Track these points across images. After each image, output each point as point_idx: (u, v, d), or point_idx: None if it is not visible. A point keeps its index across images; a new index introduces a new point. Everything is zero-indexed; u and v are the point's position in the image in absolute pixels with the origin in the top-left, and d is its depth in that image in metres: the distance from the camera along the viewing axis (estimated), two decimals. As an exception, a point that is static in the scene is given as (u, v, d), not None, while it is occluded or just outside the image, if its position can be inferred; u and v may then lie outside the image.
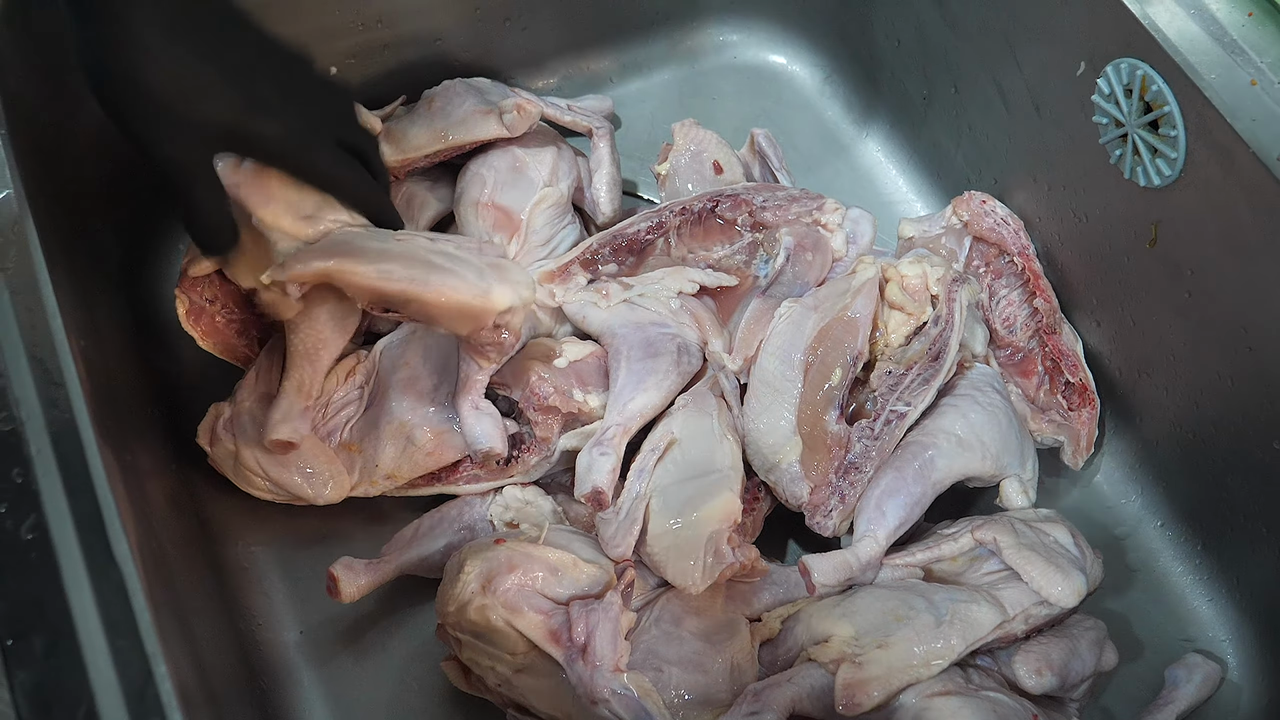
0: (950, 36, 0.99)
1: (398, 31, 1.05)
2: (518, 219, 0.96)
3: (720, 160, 1.02)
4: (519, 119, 0.98)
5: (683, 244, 0.97)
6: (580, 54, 1.15)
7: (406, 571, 0.87)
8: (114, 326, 0.90)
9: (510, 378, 0.90)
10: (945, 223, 0.99)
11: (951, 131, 1.03)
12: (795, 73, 1.16)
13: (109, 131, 0.95)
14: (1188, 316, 0.85)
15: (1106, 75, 0.84)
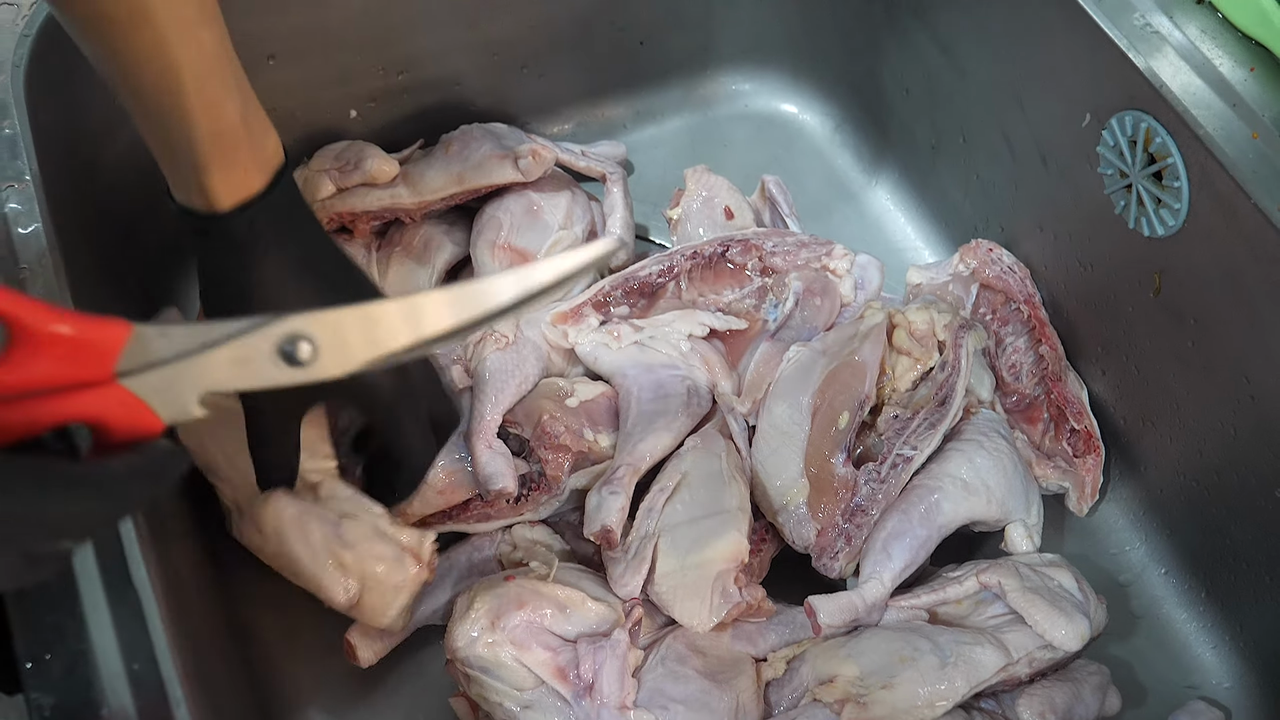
0: (958, 87, 1.01)
1: (418, 76, 1.07)
2: (533, 261, 0.98)
3: (731, 206, 1.04)
4: (534, 164, 1.00)
5: (693, 287, 0.99)
6: (595, 101, 1.17)
7: (420, 624, 0.88)
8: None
9: (522, 416, 0.92)
10: (953, 270, 1.01)
11: (959, 180, 1.05)
12: (806, 121, 1.18)
13: (131, 172, 0.98)
14: (1191, 365, 0.86)
15: (1111, 127, 0.85)
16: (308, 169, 1.02)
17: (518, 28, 1.07)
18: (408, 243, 1.02)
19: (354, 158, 1.02)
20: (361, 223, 1.01)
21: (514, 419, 0.92)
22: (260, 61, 0.99)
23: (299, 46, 1.00)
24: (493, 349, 0.92)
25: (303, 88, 1.03)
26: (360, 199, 1.00)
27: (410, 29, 1.03)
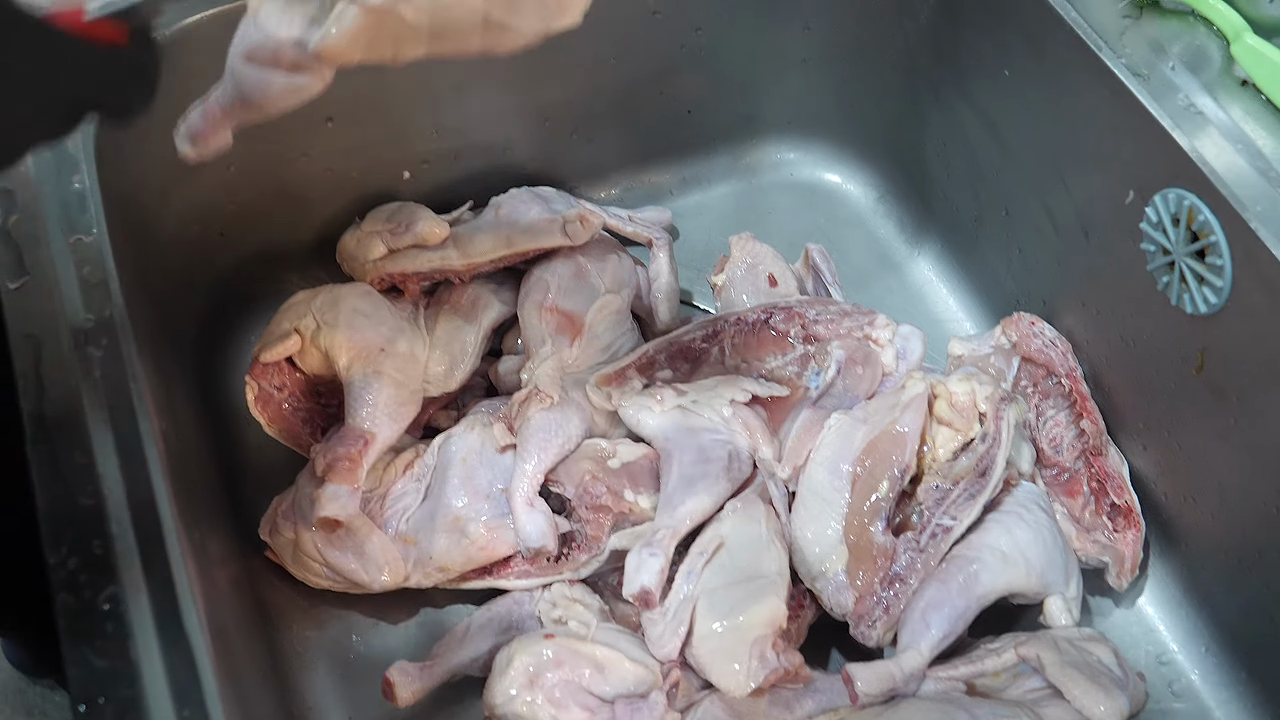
0: (1001, 161, 1.02)
1: (469, 140, 1.09)
2: (580, 323, 1.00)
3: (775, 273, 1.05)
4: (582, 229, 1.02)
5: (737, 353, 1.00)
6: (642, 167, 1.19)
7: (458, 672, 0.88)
8: (189, 410, 0.93)
9: (564, 475, 0.93)
10: (994, 342, 1.02)
11: (1002, 253, 1.06)
12: (850, 191, 1.20)
13: (192, 224, 1.01)
14: (1233, 443, 0.87)
15: (1154, 204, 0.86)
16: (360, 230, 1.05)
17: (568, 95, 1.10)
18: (456, 301, 1.04)
19: (405, 220, 1.04)
20: (412, 283, 1.03)
21: (556, 478, 0.93)
22: (319, 124, 1.02)
23: (357, 110, 1.03)
24: (537, 408, 0.94)
25: (359, 150, 1.06)
26: (411, 260, 1.02)
27: (463, 94, 1.06)
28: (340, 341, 0.96)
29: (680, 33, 1.09)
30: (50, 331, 0.75)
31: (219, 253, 1.05)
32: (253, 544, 0.95)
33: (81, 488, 0.68)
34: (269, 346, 0.97)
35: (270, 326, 0.99)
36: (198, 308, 1.05)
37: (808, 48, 1.13)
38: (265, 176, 1.04)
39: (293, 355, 0.98)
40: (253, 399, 0.97)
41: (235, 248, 1.07)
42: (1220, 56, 0.87)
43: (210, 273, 1.05)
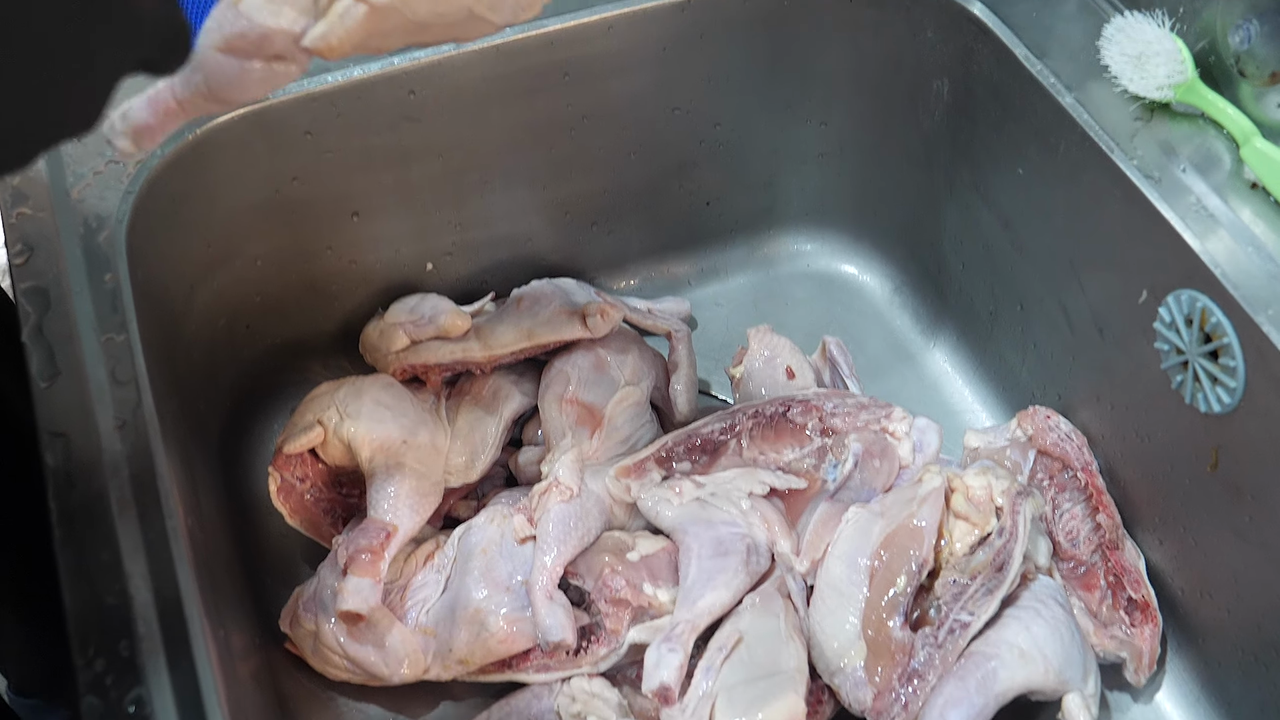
0: (1016, 258, 1.03)
1: (492, 232, 1.11)
2: (600, 415, 1.01)
3: (793, 366, 1.06)
4: (602, 322, 1.04)
5: (754, 445, 1.01)
6: (661, 258, 1.20)
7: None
8: (213, 503, 0.94)
9: (583, 568, 0.93)
10: (1010, 435, 1.02)
11: (1017, 347, 1.07)
12: (866, 282, 1.21)
13: (219, 316, 1.03)
14: (1249, 540, 0.87)
15: (1168, 304, 0.87)
16: (383, 322, 1.06)
17: (589, 188, 1.12)
18: (477, 392, 1.05)
19: (428, 312, 1.06)
20: (434, 374, 1.04)
21: (575, 570, 0.93)
22: (345, 218, 1.04)
23: (382, 204, 1.05)
24: (557, 500, 0.95)
25: (383, 242, 1.08)
26: (433, 352, 1.04)
27: (486, 188, 1.08)
28: (363, 434, 0.97)
29: (700, 128, 1.11)
30: (80, 430, 0.77)
31: (244, 344, 1.07)
32: (273, 635, 0.96)
33: (108, 587, 0.69)
34: (292, 438, 0.98)
35: (294, 418, 1.01)
36: (222, 399, 1.06)
37: (825, 143, 1.15)
38: (291, 269, 1.06)
39: (315, 447, 0.99)
40: (275, 490, 0.99)
41: (260, 339, 1.08)
42: (1230, 159, 0.88)
43: (235, 364, 1.07)
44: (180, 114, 0.63)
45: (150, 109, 0.63)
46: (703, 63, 1.05)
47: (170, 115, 0.63)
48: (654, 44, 1.03)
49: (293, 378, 1.11)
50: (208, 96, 0.62)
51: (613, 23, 1.00)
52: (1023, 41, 0.96)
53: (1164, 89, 0.89)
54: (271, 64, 0.62)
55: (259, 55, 0.61)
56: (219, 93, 0.62)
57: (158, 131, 0.63)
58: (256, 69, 0.62)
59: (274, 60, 0.62)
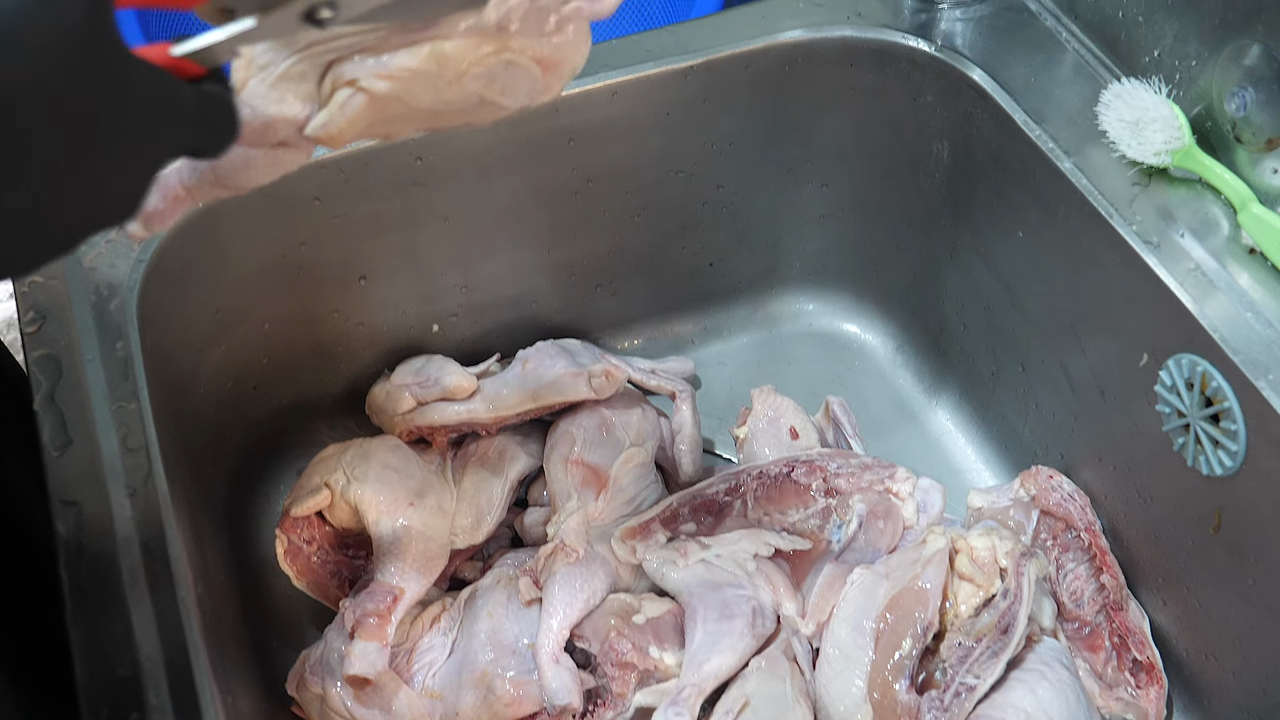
0: (1017, 319, 1.04)
1: (497, 294, 1.12)
2: (605, 476, 1.02)
3: (796, 426, 1.07)
4: (607, 384, 1.05)
5: (759, 506, 1.01)
6: (665, 317, 1.21)
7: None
8: (220, 566, 0.95)
9: (589, 631, 0.94)
10: (1013, 495, 1.03)
11: (1019, 407, 1.08)
12: (868, 341, 1.22)
13: (226, 380, 1.04)
14: (1253, 603, 0.87)
15: (1168, 368, 0.88)
16: (389, 384, 1.07)
17: (594, 250, 1.13)
18: (483, 454, 1.06)
19: (434, 374, 1.06)
20: (440, 435, 1.05)
21: (581, 633, 0.94)
22: (352, 281, 1.05)
23: (389, 267, 1.06)
24: (562, 563, 0.95)
25: (390, 305, 1.09)
26: (439, 414, 1.05)
27: (492, 251, 1.09)
28: (370, 497, 0.98)
29: (703, 190, 1.12)
30: (91, 498, 0.77)
31: (251, 406, 1.08)
32: (279, 698, 0.96)
33: (120, 658, 0.70)
34: (299, 501, 0.99)
35: (300, 481, 1.01)
36: (228, 460, 1.07)
37: (826, 204, 1.16)
38: (298, 332, 1.07)
39: (322, 509, 1.00)
40: (282, 553, 0.99)
41: (267, 401, 1.09)
42: (1228, 224, 0.89)
43: (242, 426, 1.08)
44: (188, 199, 0.63)
45: (159, 195, 0.63)
46: (706, 127, 1.07)
47: (178, 201, 0.63)
48: (658, 109, 1.04)
49: (299, 438, 1.12)
50: (214, 183, 0.62)
51: (617, 89, 1.01)
52: (1021, 106, 0.97)
53: (1162, 155, 0.90)
54: (275, 151, 0.62)
55: (263, 143, 0.61)
56: (225, 179, 0.62)
57: (167, 216, 0.63)
58: (260, 157, 0.62)
59: (278, 148, 0.62)
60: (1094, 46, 1.01)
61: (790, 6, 1.06)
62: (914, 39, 1.03)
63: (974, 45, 1.03)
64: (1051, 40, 1.03)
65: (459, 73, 0.61)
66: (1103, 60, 1.00)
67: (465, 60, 0.61)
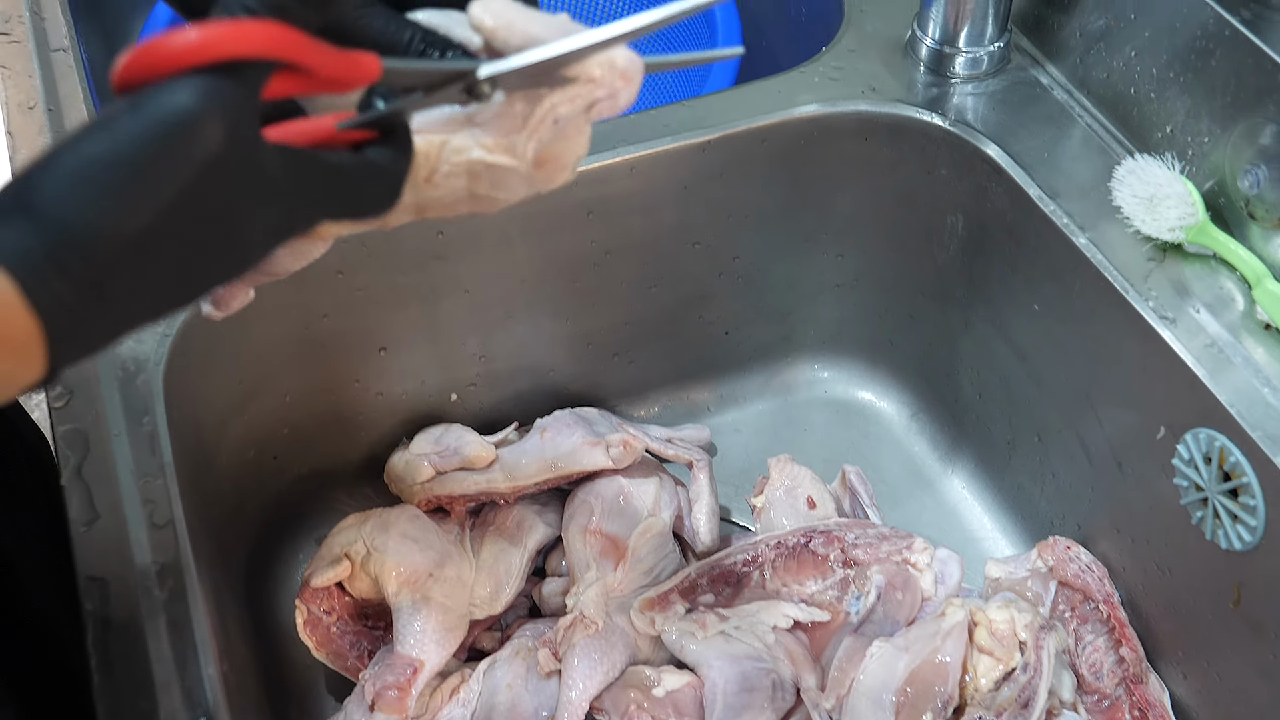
0: (1033, 390, 1.05)
1: (515, 364, 1.13)
2: (623, 546, 1.02)
3: (813, 495, 1.08)
4: (625, 454, 1.05)
5: (777, 577, 1.01)
6: (681, 385, 1.22)
7: None
8: (242, 639, 0.95)
9: (608, 704, 0.94)
10: (1031, 566, 1.03)
11: (1035, 476, 1.08)
12: (883, 409, 1.23)
13: (249, 449, 1.04)
14: (1273, 678, 0.87)
15: (1186, 442, 0.89)
16: (408, 453, 1.08)
17: (611, 319, 1.14)
18: (501, 523, 1.06)
19: (452, 443, 1.07)
20: (458, 505, 1.06)
21: (601, 706, 0.94)
22: (373, 352, 1.06)
23: (409, 338, 1.07)
24: (582, 634, 0.95)
25: (410, 375, 1.10)
26: (458, 483, 1.05)
27: (511, 322, 1.10)
28: (390, 567, 0.98)
29: (719, 261, 1.13)
30: (118, 575, 0.78)
31: (272, 475, 1.09)
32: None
33: (146, 736, 0.70)
34: (320, 572, 0.99)
35: (320, 551, 1.02)
36: (249, 529, 1.08)
37: (841, 274, 1.17)
38: (319, 402, 1.08)
39: (342, 580, 1.00)
40: (302, 623, 0.99)
41: (287, 470, 1.10)
42: (1243, 300, 0.90)
43: (262, 495, 1.08)
44: (243, 284, 0.67)
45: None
46: (723, 199, 1.08)
47: (235, 286, 0.66)
48: (675, 182, 1.05)
49: (318, 506, 1.13)
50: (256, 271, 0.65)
51: (635, 163, 1.03)
52: (1035, 181, 0.99)
53: (1176, 231, 0.91)
54: (296, 244, 0.65)
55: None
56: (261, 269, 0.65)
57: (232, 300, 0.67)
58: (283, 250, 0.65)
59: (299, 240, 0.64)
60: (1106, 121, 1.02)
61: (805, 81, 1.07)
62: (928, 114, 1.04)
63: (986, 119, 1.04)
64: (1063, 114, 1.04)
65: (431, 170, 0.62)
66: (1115, 135, 1.01)
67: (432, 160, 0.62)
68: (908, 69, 1.08)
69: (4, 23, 1.13)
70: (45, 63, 1.10)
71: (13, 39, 1.12)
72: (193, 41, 0.48)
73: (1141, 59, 0.97)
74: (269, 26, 0.50)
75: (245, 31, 0.49)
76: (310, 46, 0.52)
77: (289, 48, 0.51)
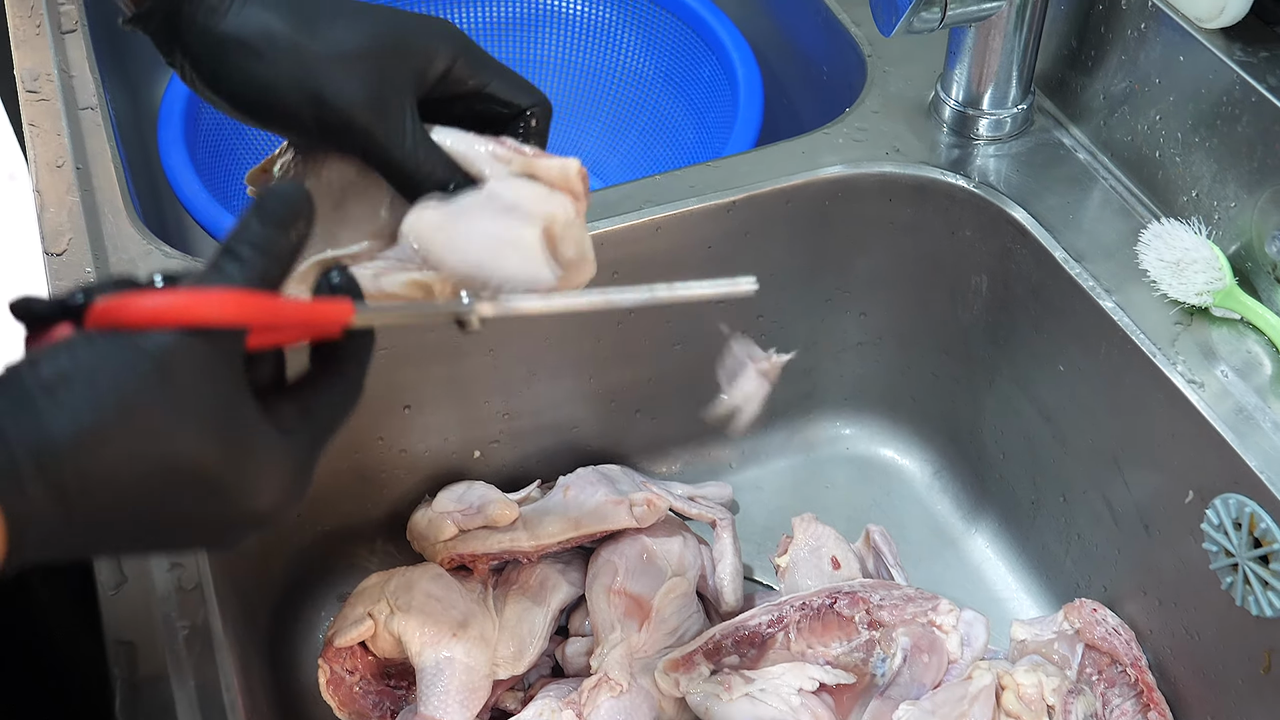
0: (1058, 451, 1.05)
1: (538, 421, 1.13)
2: (648, 606, 1.02)
3: (838, 555, 1.07)
4: (648, 513, 1.05)
5: (802, 638, 1.01)
6: (703, 443, 1.22)
7: None
8: (265, 699, 0.95)
9: (633, 767, 0.93)
10: (1057, 628, 1.03)
11: (1060, 537, 1.08)
12: (905, 466, 1.22)
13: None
14: (1305, 746, 0.87)
15: (1215, 507, 0.88)
16: (431, 510, 1.08)
17: (634, 378, 1.14)
18: (524, 582, 1.06)
19: (476, 501, 1.07)
20: (481, 563, 1.05)
21: (625, 769, 0.93)
22: (397, 411, 1.06)
23: (433, 396, 1.07)
24: (607, 696, 0.95)
25: (433, 432, 1.10)
26: (481, 542, 1.05)
27: (534, 379, 1.10)
28: (413, 627, 0.98)
29: (743, 319, 1.13)
30: (146, 639, 0.78)
31: (294, 533, 1.09)
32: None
33: (175, 804, 0.69)
34: (343, 632, 0.99)
35: (344, 610, 1.02)
36: (272, 587, 1.07)
37: (864, 332, 1.17)
38: (343, 460, 1.08)
39: (365, 639, 1.00)
40: (325, 682, 0.99)
41: (310, 527, 1.10)
42: (1271, 365, 0.90)
43: (285, 553, 1.08)
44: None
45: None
46: (747, 259, 1.08)
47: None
48: (700, 243, 1.06)
49: (340, 563, 1.13)
50: None
51: (661, 224, 1.03)
52: (1060, 243, 0.99)
53: (1203, 295, 0.91)
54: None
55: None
56: None
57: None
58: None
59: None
60: (1130, 183, 1.03)
61: (830, 142, 1.08)
62: (952, 175, 1.05)
63: (1010, 180, 1.04)
64: (1087, 176, 1.04)
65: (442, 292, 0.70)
66: (1139, 197, 1.02)
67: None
68: (931, 130, 1.09)
69: (33, 80, 1.14)
70: (73, 120, 1.10)
71: (41, 96, 1.13)
72: (165, 305, 0.51)
73: (1166, 123, 0.97)
74: (242, 297, 0.53)
75: (218, 300, 0.52)
76: (281, 309, 0.55)
77: (260, 314, 0.54)
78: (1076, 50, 1.05)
